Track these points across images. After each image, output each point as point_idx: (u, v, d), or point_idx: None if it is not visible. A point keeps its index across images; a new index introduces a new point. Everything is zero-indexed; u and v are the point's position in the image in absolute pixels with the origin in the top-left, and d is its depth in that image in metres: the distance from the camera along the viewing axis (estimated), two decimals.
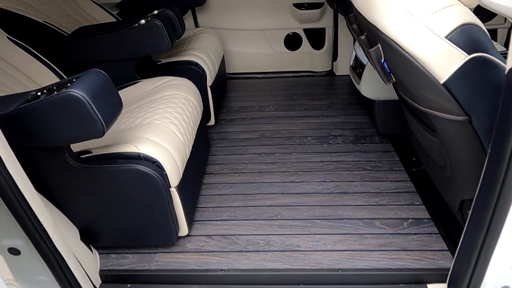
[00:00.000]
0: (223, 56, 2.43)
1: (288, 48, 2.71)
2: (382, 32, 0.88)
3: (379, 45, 0.93)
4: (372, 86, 1.60)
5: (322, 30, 2.62)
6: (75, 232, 1.20)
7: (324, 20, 2.57)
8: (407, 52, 0.82)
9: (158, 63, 1.86)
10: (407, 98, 1.02)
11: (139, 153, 1.12)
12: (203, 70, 1.87)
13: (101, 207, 1.18)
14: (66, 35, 1.76)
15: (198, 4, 2.34)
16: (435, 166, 1.21)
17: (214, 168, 1.75)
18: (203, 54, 1.95)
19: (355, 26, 1.13)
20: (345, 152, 1.80)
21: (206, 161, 1.78)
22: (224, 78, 2.50)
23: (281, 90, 2.51)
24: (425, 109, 0.92)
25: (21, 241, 0.86)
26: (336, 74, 2.70)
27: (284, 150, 1.85)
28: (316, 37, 2.65)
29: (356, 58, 1.70)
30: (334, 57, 2.68)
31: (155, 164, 1.13)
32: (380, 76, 1.03)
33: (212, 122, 2.07)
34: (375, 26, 0.91)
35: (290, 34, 2.65)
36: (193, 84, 1.62)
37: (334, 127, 2.03)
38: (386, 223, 1.36)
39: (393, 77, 0.98)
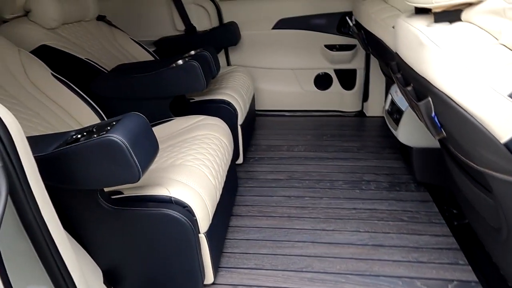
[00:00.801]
0: (253, 94, 2.44)
1: (318, 88, 2.70)
2: (434, 86, 0.83)
3: (429, 98, 0.88)
4: (411, 133, 1.53)
5: (353, 71, 2.61)
6: (99, 275, 1.16)
7: (355, 61, 2.56)
8: (463, 109, 0.77)
9: (191, 100, 1.88)
10: (458, 154, 0.95)
11: (171, 197, 1.09)
12: (235, 109, 1.87)
13: (127, 250, 1.14)
14: (106, 71, 1.82)
15: (232, 44, 2.40)
16: (486, 225, 1.11)
17: (242, 210, 1.69)
18: (235, 93, 1.97)
19: (399, 76, 1.09)
20: (379, 199, 1.71)
21: (233, 201, 1.73)
22: (253, 115, 2.50)
23: (310, 129, 2.48)
24: (481, 168, 0.85)
25: None
26: (367, 115, 2.65)
27: (314, 194, 1.78)
28: (346, 78, 2.64)
29: (393, 103, 1.65)
30: (365, 98, 2.65)
31: (186, 209, 1.09)
32: (428, 129, 0.98)
33: (240, 160, 2.04)
34: (425, 79, 0.86)
35: (321, 74, 2.65)
36: (225, 124, 1.61)
37: (366, 171, 1.95)
38: (429, 285, 1.25)
39: (443, 132, 0.92)
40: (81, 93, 1.57)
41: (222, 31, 2.36)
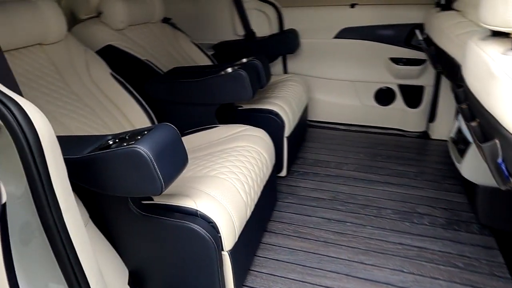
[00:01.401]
0: (307, 104, 2.35)
1: (378, 103, 2.51)
2: (503, 127, 0.68)
3: (496, 140, 0.73)
4: (477, 169, 1.33)
5: (420, 88, 2.38)
6: (125, 275, 1.19)
7: (424, 77, 2.33)
8: None
9: (239, 108, 1.86)
10: None
11: (197, 210, 1.06)
12: (282, 120, 1.81)
13: (152, 255, 1.15)
14: (162, 73, 1.88)
15: (289, 52, 2.34)
16: None
17: (277, 227, 1.63)
18: (285, 103, 1.90)
19: (465, 107, 0.94)
20: (432, 237, 1.52)
21: (269, 216, 1.67)
22: (304, 126, 2.41)
23: (363, 147, 2.31)
24: None
25: None
26: (431, 137, 2.39)
27: (357, 220, 1.65)
28: (412, 94, 2.42)
29: (460, 131, 1.45)
30: (431, 118, 2.40)
31: (211, 225, 1.06)
32: (493, 176, 0.82)
33: (284, 173, 1.97)
34: (494, 117, 0.72)
35: (383, 88, 2.46)
36: (268, 137, 1.56)
37: (420, 202, 1.75)
38: None
39: None
40: (135, 93, 1.64)
41: (280, 38, 2.30)
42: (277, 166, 1.93)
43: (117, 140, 0.93)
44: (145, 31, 2.18)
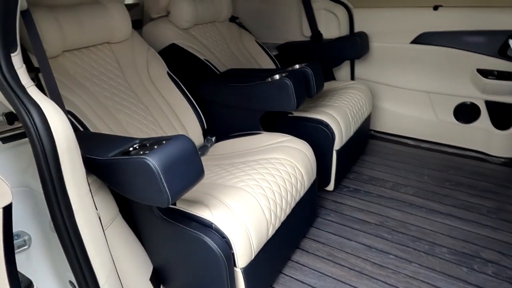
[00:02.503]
0: (369, 115, 2.16)
1: (458, 119, 2.19)
2: None
3: None
4: None
5: None
6: (148, 270, 1.24)
7: None
8: None
9: (289, 115, 1.79)
10: None
11: (212, 222, 1.05)
12: (333, 133, 1.68)
13: (171, 258, 1.18)
14: (218, 73, 1.90)
15: (354, 57, 2.16)
16: None
17: (310, 245, 1.54)
18: (339, 114, 1.77)
19: None
20: None
21: (305, 232, 1.59)
22: (364, 138, 2.22)
23: (431, 168, 2.04)
24: None
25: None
26: None
27: (402, 253, 1.46)
28: (501, 113, 2.04)
29: None
30: None
31: (224, 240, 1.03)
32: None
33: (331, 187, 1.85)
34: None
35: (466, 103, 2.13)
36: (311, 150, 1.47)
37: (488, 245, 1.48)
38: None
39: None
40: (188, 94, 1.69)
41: (347, 42, 2.14)
42: (324, 179, 1.81)
43: (138, 147, 0.96)
44: (210, 30, 2.23)
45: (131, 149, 0.94)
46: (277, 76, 1.48)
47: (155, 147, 0.90)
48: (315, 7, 2.29)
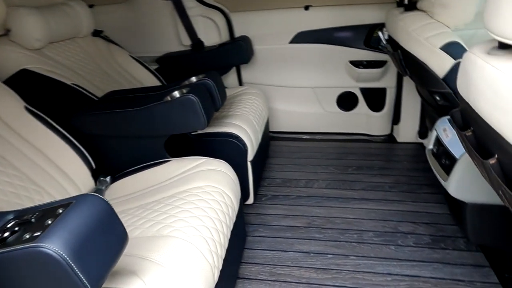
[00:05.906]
0: (268, 118, 2.15)
1: (341, 108, 2.38)
2: None
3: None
4: (467, 186, 1.20)
5: (383, 90, 2.27)
6: None
7: (385, 79, 2.23)
8: None
9: (193, 133, 1.60)
10: None
11: None
12: (244, 144, 1.58)
13: None
14: (96, 98, 1.56)
15: (243, 62, 2.12)
16: None
17: (250, 271, 1.40)
18: (245, 123, 1.67)
19: (469, 134, 0.77)
20: (421, 261, 1.38)
21: (240, 258, 1.44)
22: (267, 141, 2.20)
23: (332, 158, 2.16)
24: None
25: None
26: (398, 140, 2.30)
27: (338, 249, 1.47)
28: (374, 97, 2.31)
29: (439, 143, 1.32)
30: (395, 120, 2.31)
31: None
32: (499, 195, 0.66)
33: (250, 200, 1.75)
34: (500, 135, 0.55)
35: (345, 93, 2.33)
36: (231, 169, 1.32)
37: (401, 218, 1.62)
38: None
39: None
40: (60, 129, 1.32)
41: (232, 47, 2.07)
42: (243, 194, 1.70)
43: (17, 226, 0.64)
44: (71, 48, 1.83)
45: (6, 234, 0.62)
46: (177, 93, 1.28)
47: (49, 222, 0.61)
48: (191, 14, 2.14)
